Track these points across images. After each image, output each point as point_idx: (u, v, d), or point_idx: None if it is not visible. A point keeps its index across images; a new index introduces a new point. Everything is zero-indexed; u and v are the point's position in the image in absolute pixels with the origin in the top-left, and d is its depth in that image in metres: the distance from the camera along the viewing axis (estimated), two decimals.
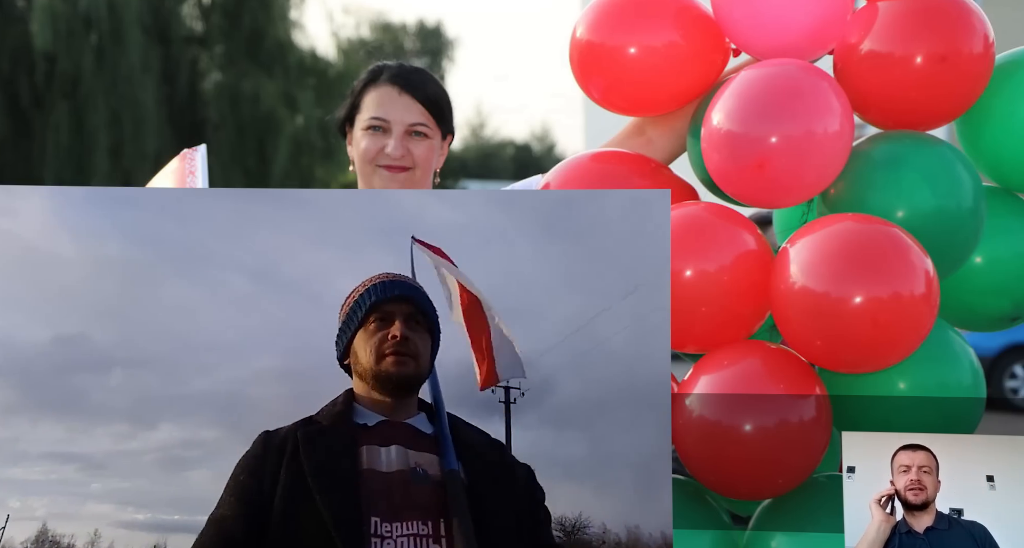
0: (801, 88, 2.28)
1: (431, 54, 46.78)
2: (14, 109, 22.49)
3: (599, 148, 2.67)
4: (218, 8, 24.93)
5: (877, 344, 2.19)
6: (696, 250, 2.27)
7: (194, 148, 3.22)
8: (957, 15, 2.36)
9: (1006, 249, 2.47)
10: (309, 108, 24.27)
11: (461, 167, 45.67)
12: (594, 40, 2.54)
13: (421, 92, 2.97)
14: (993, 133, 2.47)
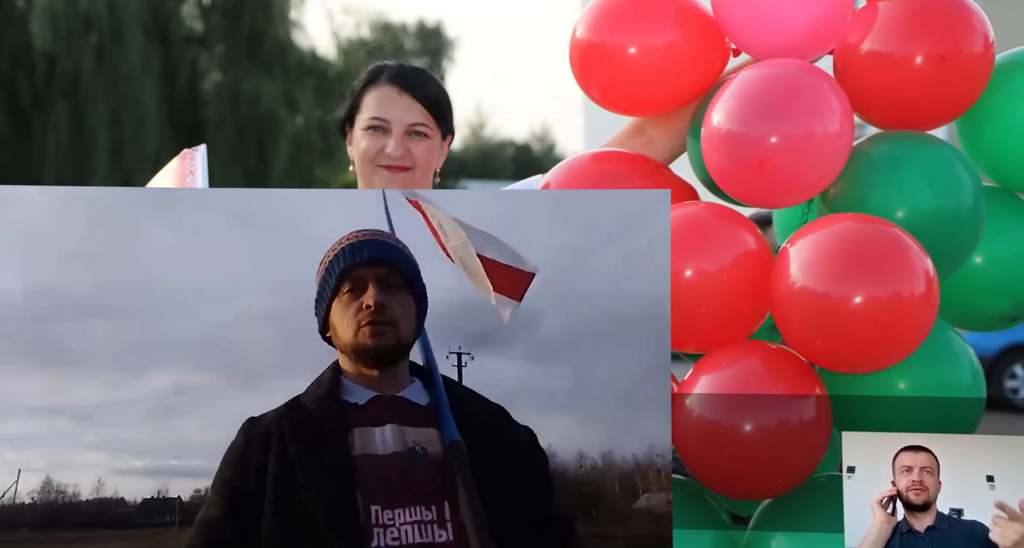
0: (801, 88, 2.28)
1: (431, 54, 46.78)
2: (14, 109, 22.48)
3: (599, 148, 2.67)
4: (218, 8, 24.93)
5: (877, 344, 2.19)
6: (696, 250, 2.27)
7: (194, 148, 3.22)
8: (957, 15, 2.36)
9: (1006, 249, 2.47)
10: (309, 108, 24.28)
11: (461, 167, 45.66)
12: (594, 40, 2.54)
13: (421, 92, 2.97)
14: (993, 133, 2.47)
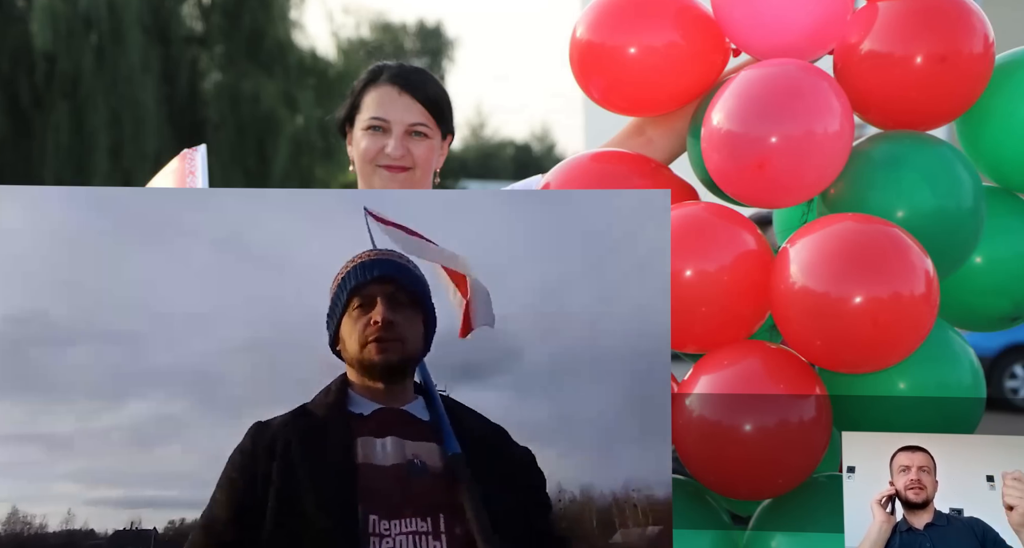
0: (801, 88, 2.28)
1: (431, 54, 46.78)
2: (14, 109, 22.49)
3: (599, 148, 2.67)
4: (218, 8, 24.93)
5: (877, 344, 2.19)
6: (696, 250, 2.27)
7: (194, 148, 3.22)
8: (957, 15, 2.36)
9: (1006, 249, 2.47)
10: (309, 108, 24.28)
11: (461, 167, 45.65)
12: (594, 40, 2.54)
13: (421, 92, 2.97)
14: (993, 133, 2.47)
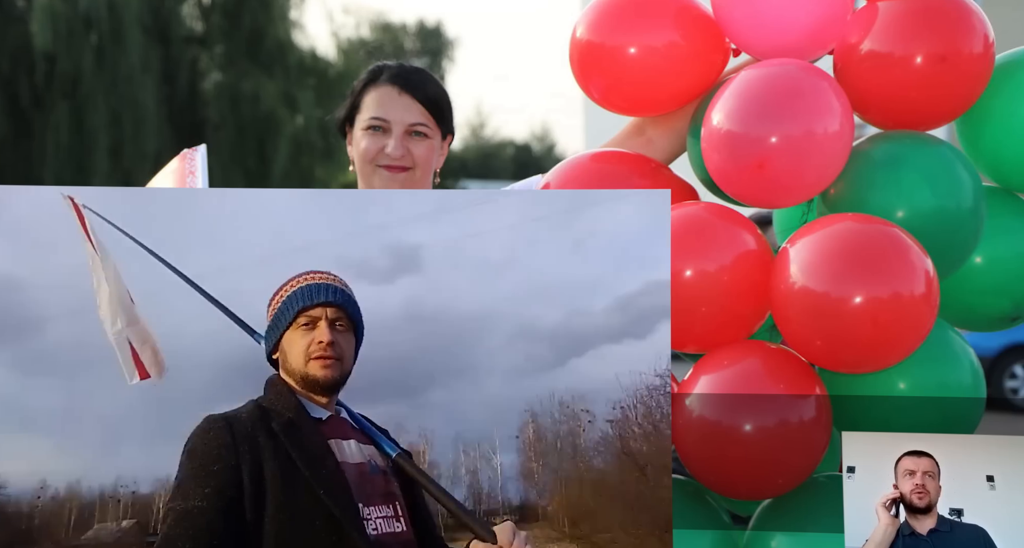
0: (801, 88, 2.28)
1: (431, 54, 46.79)
2: (14, 109, 22.50)
3: (599, 148, 2.67)
4: (218, 8, 24.96)
5: (877, 344, 2.19)
6: (696, 250, 2.27)
7: (194, 148, 3.23)
8: (957, 15, 2.36)
9: (1006, 249, 2.47)
10: (309, 108, 24.30)
11: (461, 167, 45.69)
12: (594, 40, 2.54)
13: (421, 92, 2.97)
14: (993, 133, 2.47)
